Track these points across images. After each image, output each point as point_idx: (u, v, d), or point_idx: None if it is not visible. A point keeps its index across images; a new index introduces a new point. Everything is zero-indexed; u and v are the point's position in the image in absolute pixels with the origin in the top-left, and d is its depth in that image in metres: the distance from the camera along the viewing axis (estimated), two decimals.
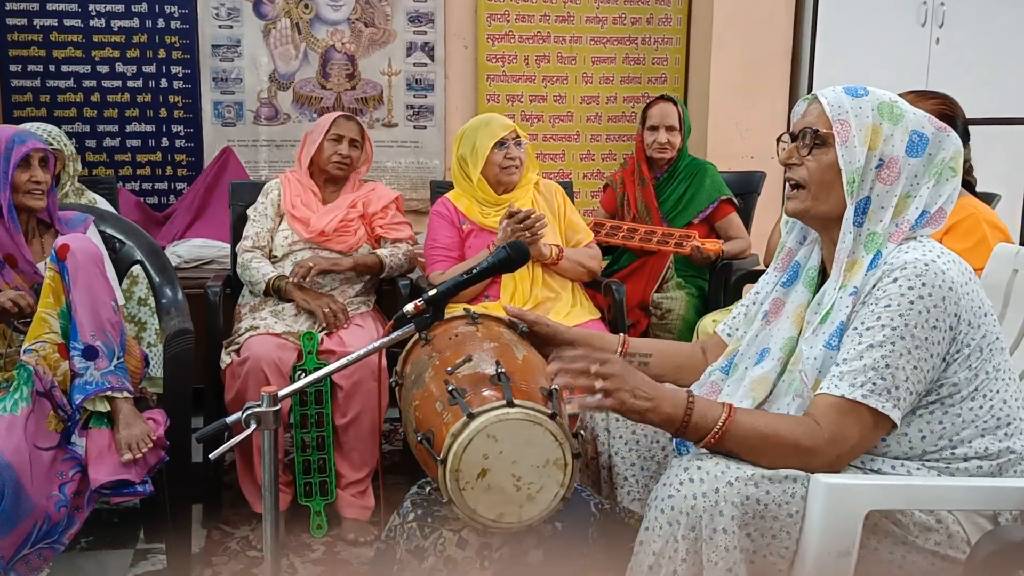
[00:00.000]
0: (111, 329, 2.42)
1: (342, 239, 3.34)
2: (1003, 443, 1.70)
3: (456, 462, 1.56)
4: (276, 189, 3.42)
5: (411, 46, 4.84)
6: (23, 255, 2.57)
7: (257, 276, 3.22)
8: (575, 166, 5.08)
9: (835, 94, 1.74)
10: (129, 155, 4.68)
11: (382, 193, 3.51)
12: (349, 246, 3.35)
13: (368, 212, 3.44)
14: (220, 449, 1.64)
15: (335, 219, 3.32)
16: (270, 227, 3.36)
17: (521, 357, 1.78)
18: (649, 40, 5.04)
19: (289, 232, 3.33)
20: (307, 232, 3.30)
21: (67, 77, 4.56)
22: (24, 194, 2.59)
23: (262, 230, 3.35)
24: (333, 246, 3.33)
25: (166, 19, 4.60)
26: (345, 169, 3.43)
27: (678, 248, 3.67)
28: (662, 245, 3.71)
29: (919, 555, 1.66)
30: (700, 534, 1.56)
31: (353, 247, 3.36)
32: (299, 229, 3.32)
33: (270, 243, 3.35)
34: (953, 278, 1.64)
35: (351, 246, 3.36)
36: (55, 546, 2.30)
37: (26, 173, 2.58)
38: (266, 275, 3.21)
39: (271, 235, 3.36)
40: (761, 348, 1.87)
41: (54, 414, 2.33)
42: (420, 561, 1.75)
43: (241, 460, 3.10)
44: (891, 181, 1.71)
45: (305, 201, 3.37)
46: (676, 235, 3.71)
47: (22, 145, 2.58)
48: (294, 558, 2.92)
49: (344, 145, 3.40)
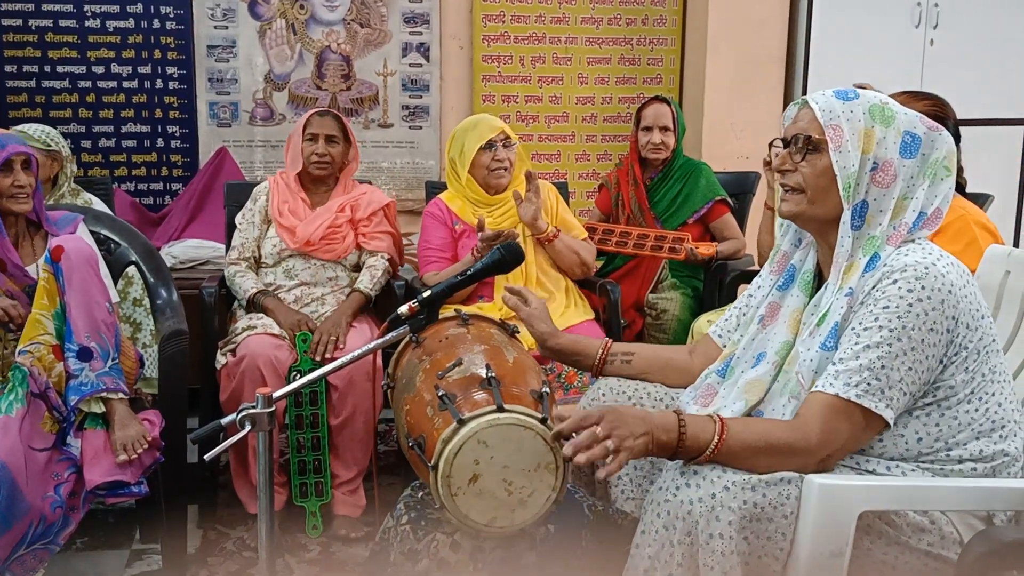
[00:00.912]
0: (106, 330, 2.43)
1: (330, 247, 3.29)
2: (998, 445, 1.71)
3: (447, 468, 1.56)
4: (264, 194, 3.37)
5: (406, 47, 4.84)
6: (11, 259, 2.56)
7: (240, 293, 3.22)
8: (571, 166, 5.09)
9: (825, 98, 1.74)
10: (124, 156, 4.68)
11: (373, 198, 3.42)
12: (337, 255, 3.31)
13: (356, 217, 3.36)
14: (215, 450, 1.65)
15: (322, 226, 3.27)
16: (257, 235, 3.31)
17: (512, 359, 1.78)
18: (644, 41, 5.04)
19: (277, 240, 3.29)
20: (293, 242, 3.26)
21: (62, 78, 4.56)
22: (7, 199, 2.57)
23: (248, 240, 3.30)
24: (320, 255, 3.29)
25: (161, 20, 4.61)
26: (326, 168, 3.34)
27: (672, 254, 3.68)
28: (655, 251, 3.71)
29: (912, 555, 1.67)
30: (696, 539, 1.57)
31: (341, 255, 3.32)
32: (286, 238, 3.27)
33: (257, 252, 3.31)
34: (952, 281, 1.65)
35: (339, 255, 3.32)
36: (50, 547, 2.30)
37: (8, 178, 2.56)
38: (247, 292, 3.18)
39: (258, 243, 3.32)
40: (757, 352, 1.87)
41: (49, 415, 2.34)
42: (414, 564, 1.75)
43: (236, 461, 3.10)
44: (887, 184, 1.71)
45: (292, 208, 3.32)
46: (669, 238, 3.71)
47: (2, 150, 2.55)
48: (289, 558, 2.92)
49: (320, 143, 3.31)
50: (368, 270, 3.32)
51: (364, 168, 4.83)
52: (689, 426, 1.64)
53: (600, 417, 1.61)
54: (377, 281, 3.30)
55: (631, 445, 1.60)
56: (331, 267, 3.32)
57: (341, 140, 3.36)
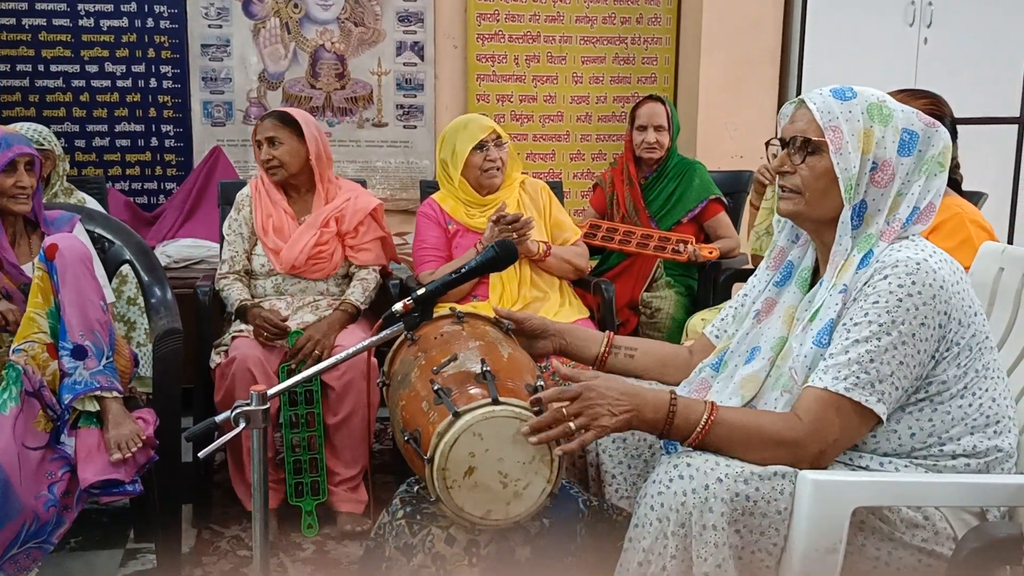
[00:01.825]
0: (100, 329, 2.42)
1: (317, 267, 3.24)
2: (991, 441, 1.71)
3: (443, 461, 1.56)
4: (248, 205, 3.28)
5: (401, 46, 4.85)
6: (7, 258, 2.56)
7: (228, 306, 3.19)
8: (565, 166, 5.09)
9: (823, 98, 1.73)
10: (118, 155, 4.68)
11: (359, 204, 3.30)
12: (325, 273, 3.27)
13: (342, 230, 3.27)
14: (209, 448, 1.65)
15: (308, 247, 3.19)
16: (246, 248, 3.26)
17: (507, 355, 1.79)
18: (639, 40, 5.05)
19: (265, 260, 3.24)
20: (280, 266, 3.21)
21: (56, 77, 4.56)
22: (8, 199, 2.57)
23: (238, 253, 3.25)
24: (308, 275, 3.25)
25: (155, 19, 4.60)
26: (276, 172, 3.21)
27: (675, 255, 3.68)
28: (659, 251, 3.71)
29: (906, 551, 1.67)
30: (690, 531, 1.57)
31: (329, 273, 3.28)
32: (272, 259, 3.22)
33: (247, 264, 3.27)
34: (944, 277, 1.65)
35: (327, 273, 3.27)
36: (44, 546, 2.30)
37: (11, 178, 2.56)
38: (233, 304, 3.15)
39: (247, 256, 3.27)
40: (752, 347, 1.87)
41: (43, 414, 2.33)
42: (409, 558, 1.75)
43: (231, 459, 3.09)
44: (885, 183, 1.71)
45: (277, 223, 3.24)
46: (673, 240, 3.71)
47: (8, 150, 2.55)
48: (284, 557, 2.91)
49: (264, 148, 3.20)
50: (360, 283, 3.28)
51: (358, 167, 4.84)
52: (680, 404, 1.66)
53: (577, 394, 1.62)
54: (369, 295, 3.27)
55: (605, 423, 1.62)
56: (321, 282, 3.30)
57: (287, 139, 3.20)
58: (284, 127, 3.21)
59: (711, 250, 3.71)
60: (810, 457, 1.64)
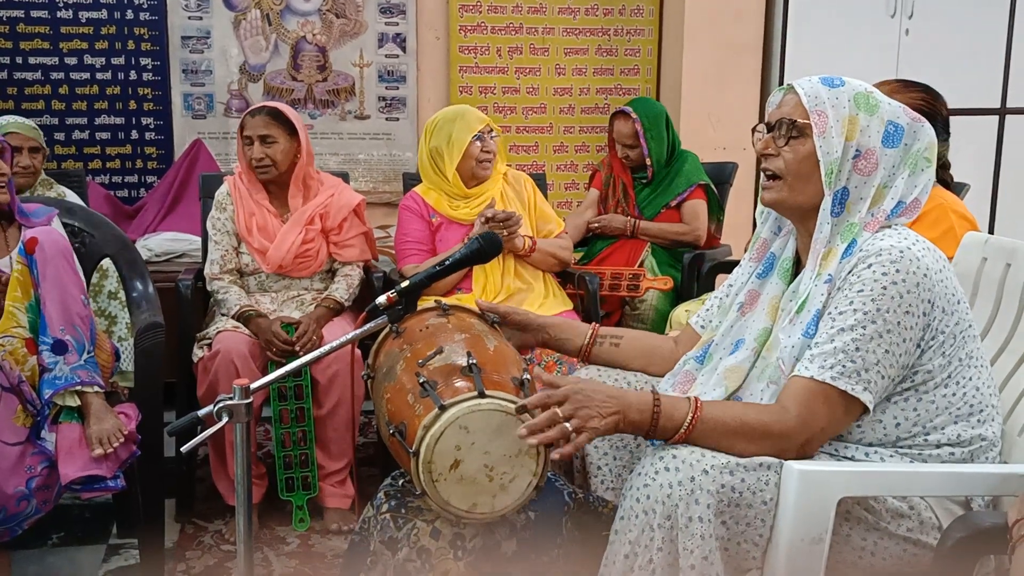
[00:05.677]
0: (81, 323, 2.40)
1: (303, 265, 3.23)
2: (975, 430, 1.72)
3: (428, 454, 1.56)
4: (230, 204, 3.23)
5: (383, 37, 4.82)
6: None
7: (226, 311, 3.13)
8: (548, 158, 5.08)
9: (811, 84, 1.74)
10: (98, 148, 4.63)
11: (342, 202, 3.28)
12: (311, 271, 3.26)
13: (327, 227, 3.25)
14: (192, 442, 1.63)
15: (294, 246, 3.17)
16: (234, 245, 3.23)
17: (492, 348, 1.78)
18: (622, 31, 5.04)
19: (251, 260, 3.22)
20: (266, 266, 3.19)
21: (35, 69, 4.51)
22: None
23: (227, 251, 3.21)
24: (294, 274, 3.24)
25: (135, 10, 4.56)
26: (268, 171, 3.17)
27: (632, 292, 3.71)
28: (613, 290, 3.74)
29: (891, 541, 1.68)
30: (676, 523, 1.56)
31: (315, 271, 3.27)
32: (258, 259, 3.20)
33: (238, 262, 3.23)
34: (928, 265, 1.66)
35: (313, 270, 3.26)
36: (14, 528, 2.27)
37: None
38: (231, 308, 3.11)
39: (236, 253, 3.23)
40: (736, 339, 1.88)
41: (22, 409, 2.31)
42: (394, 552, 1.74)
43: (214, 454, 3.08)
44: (868, 172, 1.72)
45: (260, 223, 3.20)
46: (625, 276, 3.74)
47: None
48: (268, 551, 2.91)
49: (256, 147, 3.14)
50: (344, 279, 3.27)
51: (341, 160, 4.82)
52: (664, 404, 1.65)
53: (565, 397, 1.61)
54: (353, 292, 3.26)
55: (596, 426, 1.61)
56: (306, 280, 3.29)
57: (281, 137, 3.16)
58: (277, 124, 3.16)
59: (664, 281, 3.73)
60: (796, 447, 1.64)
